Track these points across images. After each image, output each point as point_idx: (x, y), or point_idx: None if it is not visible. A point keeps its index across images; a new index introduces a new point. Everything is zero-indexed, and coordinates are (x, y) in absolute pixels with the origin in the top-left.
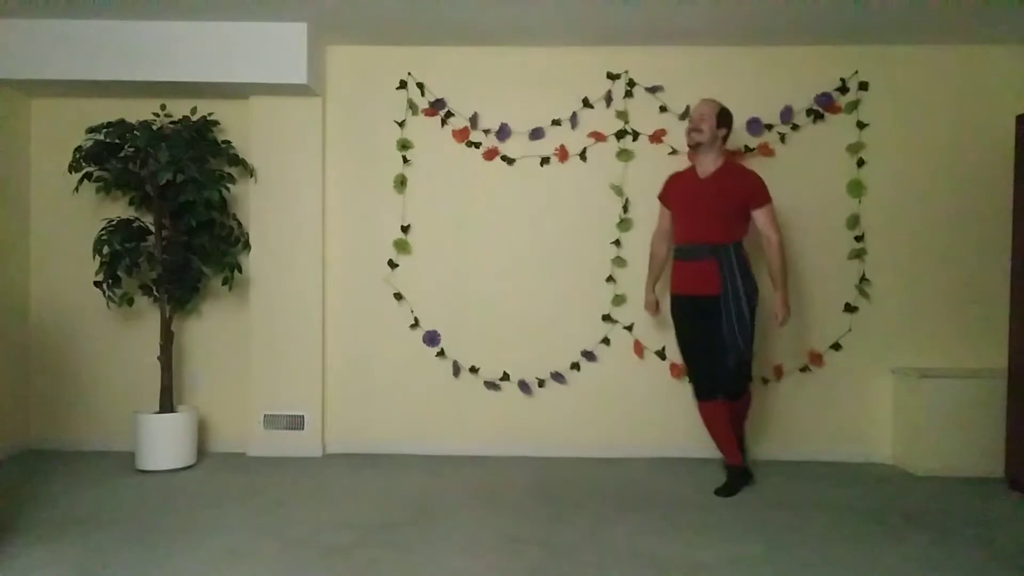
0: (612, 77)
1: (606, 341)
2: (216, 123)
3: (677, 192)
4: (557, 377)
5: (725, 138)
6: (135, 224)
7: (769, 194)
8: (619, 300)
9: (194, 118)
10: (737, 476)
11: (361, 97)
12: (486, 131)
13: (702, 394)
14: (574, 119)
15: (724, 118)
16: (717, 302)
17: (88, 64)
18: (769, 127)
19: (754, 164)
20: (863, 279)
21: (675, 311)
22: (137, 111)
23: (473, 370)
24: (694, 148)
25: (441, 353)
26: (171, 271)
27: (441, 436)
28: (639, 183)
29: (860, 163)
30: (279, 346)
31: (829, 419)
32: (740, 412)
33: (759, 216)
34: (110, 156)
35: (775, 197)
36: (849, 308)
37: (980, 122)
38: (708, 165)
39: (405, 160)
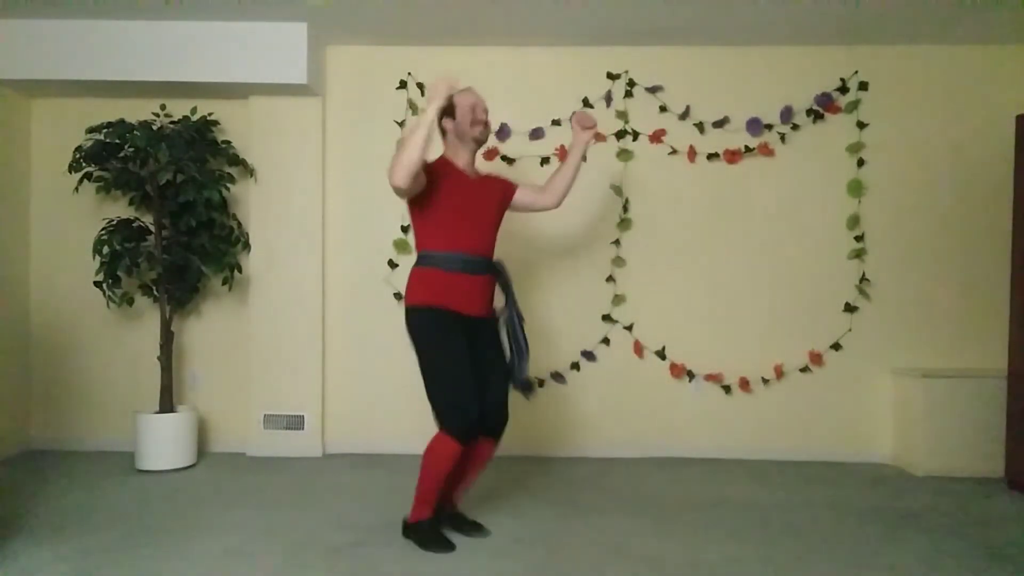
0: (612, 77)
1: (606, 341)
2: (216, 123)
3: (453, 189)
4: (557, 377)
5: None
6: (135, 224)
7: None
8: (619, 300)
9: (194, 118)
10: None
11: (361, 97)
12: None
13: (465, 435)
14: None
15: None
16: (484, 323)
17: (88, 64)
18: (769, 127)
19: (754, 164)
20: (863, 279)
21: (445, 326)
22: (137, 111)
23: None
24: (479, 145)
25: None
26: (171, 271)
27: None
28: (639, 183)
29: (860, 163)
30: (279, 346)
31: (829, 419)
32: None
33: (523, 191)
34: (110, 156)
35: (776, 196)
36: (849, 308)
37: (980, 122)
38: (473, 165)
39: None
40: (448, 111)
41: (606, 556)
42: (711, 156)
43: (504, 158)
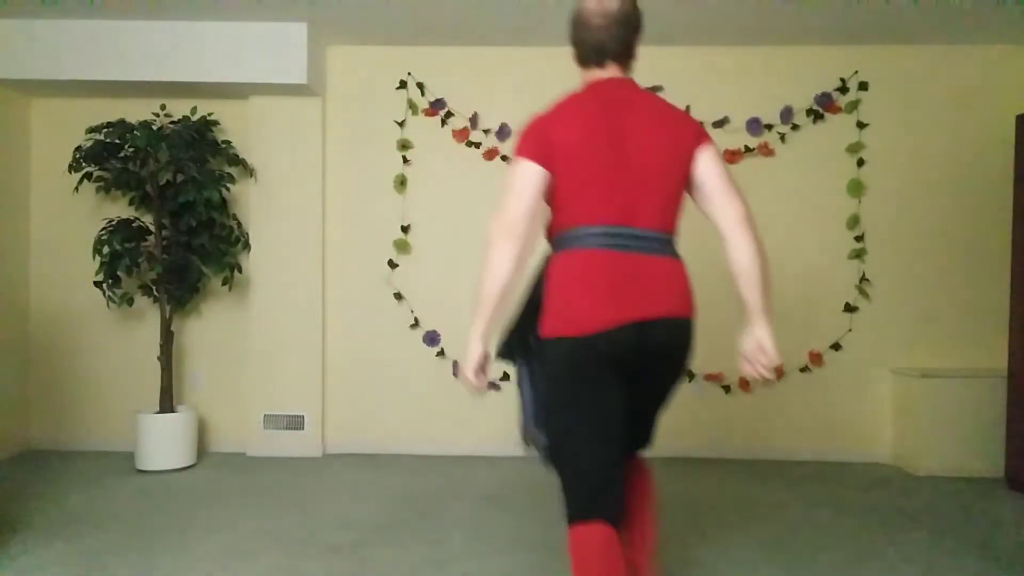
0: None
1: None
2: (216, 123)
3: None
4: None
5: (577, 60)
6: (135, 224)
7: (519, 143)
8: None
9: (194, 118)
10: None
11: (361, 97)
12: (486, 131)
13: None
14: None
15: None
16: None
17: (88, 64)
18: (769, 127)
19: (754, 164)
20: (863, 279)
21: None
22: (137, 111)
23: None
24: None
25: (441, 353)
26: (171, 271)
27: (441, 436)
28: None
29: (860, 163)
30: (279, 346)
31: (829, 419)
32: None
33: None
34: (110, 156)
35: (776, 196)
36: (849, 308)
37: (980, 122)
38: None
39: (405, 160)
40: None
41: None
42: None
43: (504, 158)
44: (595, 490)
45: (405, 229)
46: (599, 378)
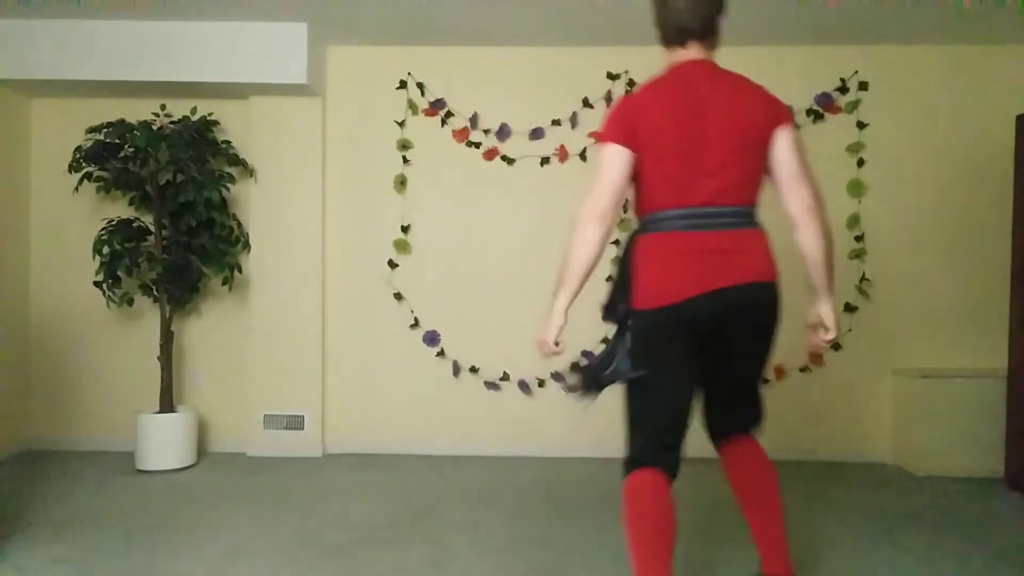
0: (612, 77)
1: (606, 341)
2: (216, 123)
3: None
4: (557, 377)
5: (663, 41)
6: (135, 224)
7: (602, 127)
8: None
9: (194, 118)
10: None
11: (361, 97)
12: (486, 131)
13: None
14: (574, 119)
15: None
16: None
17: (88, 64)
18: None
19: None
20: (863, 279)
21: None
22: (137, 111)
23: (473, 370)
24: None
25: (441, 353)
26: (171, 271)
27: (441, 436)
28: None
29: (860, 163)
30: (279, 346)
31: (829, 419)
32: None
33: None
34: (110, 156)
35: (775, 197)
36: (849, 308)
37: (980, 122)
38: None
39: (405, 160)
40: None
41: (606, 556)
42: None
43: (504, 158)
44: (661, 441)
45: (405, 229)
46: (679, 346)
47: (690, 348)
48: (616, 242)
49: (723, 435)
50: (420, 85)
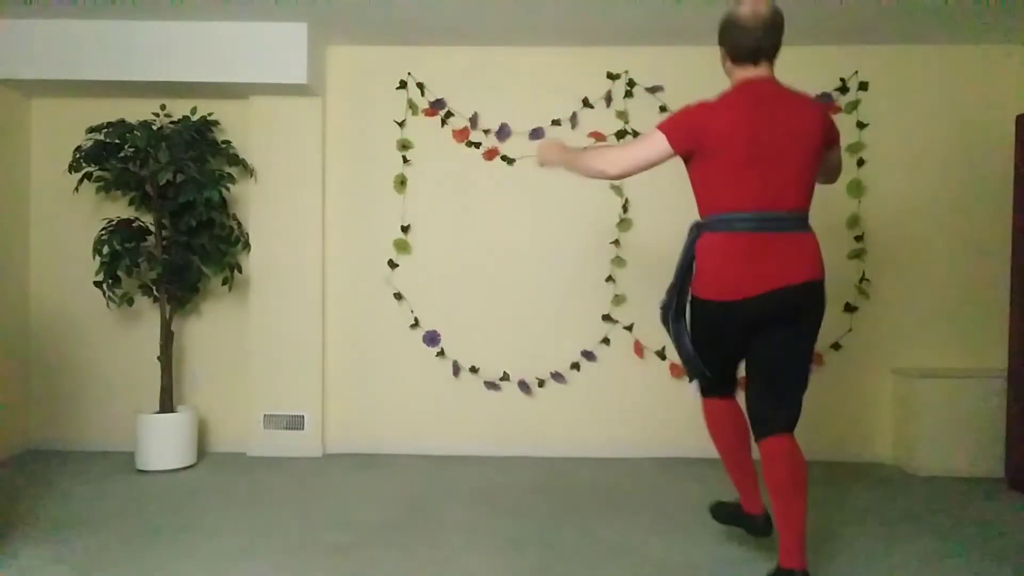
0: (612, 77)
1: (606, 341)
2: (216, 123)
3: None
4: (557, 377)
5: (731, 59)
6: (135, 224)
7: (668, 122)
8: (619, 300)
9: (194, 118)
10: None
11: (361, 97)
12: (486, 131)
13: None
14: (574, 119)
15: (719, 38)
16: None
17: (88, 64)
18: None
19: None
20: (863, 279)
21: None
22: (137, 111)
23: (473, 370)
24: None
25: (441, 353)
26: (171, 271)
27: (441, 436)
28: (639, 183)
29: (860, 163)
30: (279, 346)
31: (829, 419)
32: None
33: None
34: (110, 156)
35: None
36: (849, 308)
37: (980, 122)
38: None
39: (405, 160)
40: None
41: (605, 556)
42: None
43: (504, 158)
44: (719, 382)
45: (405, 229)
46: (732, 331)
47: (741, 333)
48: (616, 242)
49: (762, 432)
50: (420, 85)
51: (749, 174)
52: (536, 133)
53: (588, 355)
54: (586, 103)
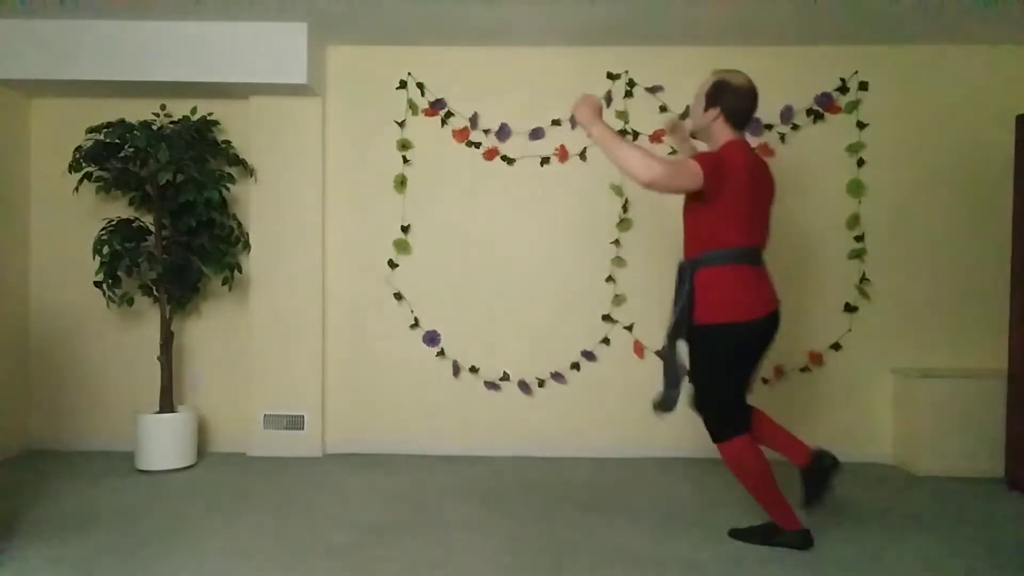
0: (612, 77)
1: (606, 341)
2: (216, 123)
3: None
4: (557, 377)
5: (727, 118)
6: (135, 224)
7: (706, 159)
8: (619, 300)
9: (194, 118)
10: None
11: (361, 97)
12: (486, 131)
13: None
14: (574, 119)
15: (713, 96)
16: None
17: (88, 64)
18: (769, 127)
19: None
20: (863, 279)
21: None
22: (137, 111)
23: (473, 370)
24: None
25: (441, 353)
26: (171, 271)
27: (441, 436)
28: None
29: (860, 163)
30: (279, 346)
31: (829, 419)
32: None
33: None
34: (110, 156)
35: (776, 196)
36: (849, 308)
37: (980, 122)
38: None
39: (405, 160)
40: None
41: (606, 556)
42: None
43: (504, 158)
44: (741, 415)
45: (405, 229)
46: (756, 347)
47: (759, 348)
48: (616, 242)
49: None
50: (420, 85)
51: (756, 214)
52: (536, 133)
53: (588, 355)
54: None
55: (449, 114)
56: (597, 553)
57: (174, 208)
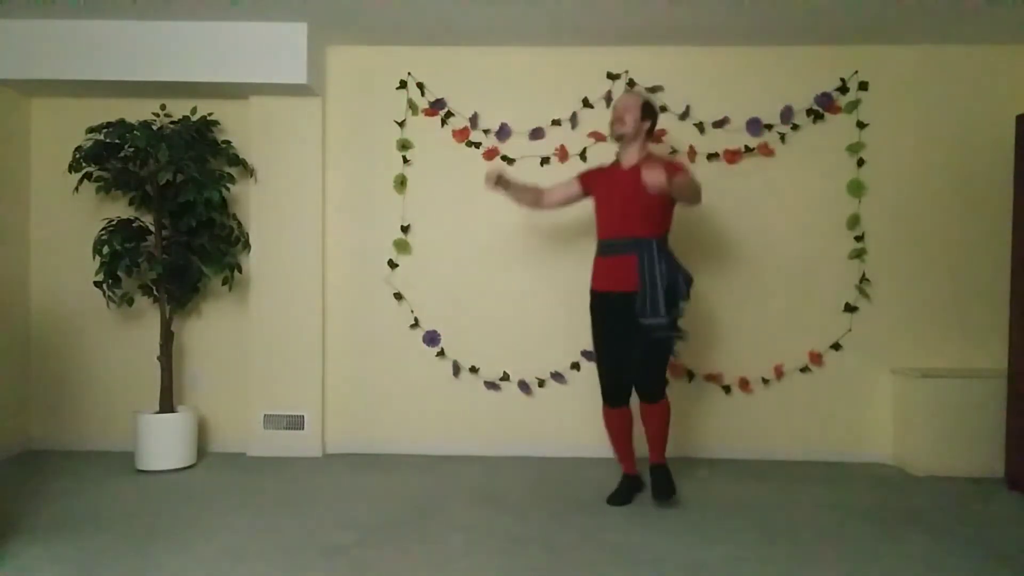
0: (612, 77)
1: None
2: (216, 123)
3: (602, 184)
4: (557, 377)
5: (650, 132)
6: (135, 224)
7: (684, 165)
8: None
9: (194, 118)
10: (630, 485)
11: (361, 97)
12: (486, 131)
13: (612, 400)
14: (574, 119)
15: (647, 110)
16: (634, 298)
17: (88, 64)
18: (769, 127)
19: (754, 164)
20: (863, 279)
21: (594, 307)
22: (137, 111)
23: (473, 370)
24: (618, 141)
25: (441, 353)
26: (171, 271)
27: (441, 436)
28: None
29: (860, 163)
30: (279, 346)
31: (829, 419)
32: (662, 418)
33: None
34: (110, 156)
35: (776, 196)
36: (849, 308)
37: (980, 122)
38: (631, 158)
39: (405, 160)
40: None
41: (606, 556)
42: (711, 156)
43: (504, 158)
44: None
45: (405, 229)
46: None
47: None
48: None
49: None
50: (420, 85)
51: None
52: (536, 133)
53: (588, 355)
54: (586, 103)
55: (449, 114)
56: (597, 553)
57: (174, 208)
